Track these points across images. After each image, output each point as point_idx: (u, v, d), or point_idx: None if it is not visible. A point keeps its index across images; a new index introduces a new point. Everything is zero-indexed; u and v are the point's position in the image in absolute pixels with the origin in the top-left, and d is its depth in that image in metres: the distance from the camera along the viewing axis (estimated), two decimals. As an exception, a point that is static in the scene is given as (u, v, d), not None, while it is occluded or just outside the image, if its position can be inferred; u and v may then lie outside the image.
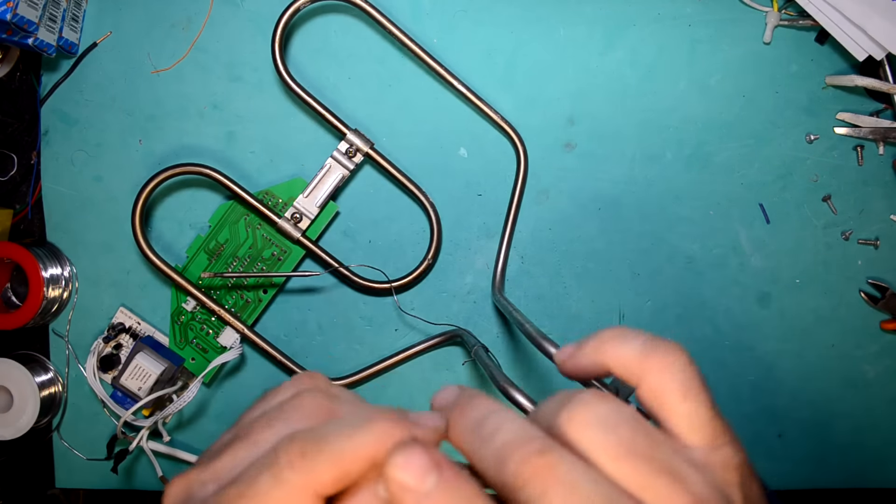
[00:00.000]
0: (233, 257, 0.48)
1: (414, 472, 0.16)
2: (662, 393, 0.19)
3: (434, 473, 0.16)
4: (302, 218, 0.47)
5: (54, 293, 0.48)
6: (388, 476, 0.16)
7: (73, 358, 0.49)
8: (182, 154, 0.48)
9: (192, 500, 0.19)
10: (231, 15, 0.48)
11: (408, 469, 0.16)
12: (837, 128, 0.48)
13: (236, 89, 0.48)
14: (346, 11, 0.48)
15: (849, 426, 0.49)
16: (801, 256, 0.49)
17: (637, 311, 0.49)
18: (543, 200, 0.48)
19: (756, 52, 0.48)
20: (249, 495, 0.17)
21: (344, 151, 0.47)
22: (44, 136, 0.49)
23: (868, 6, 0.44)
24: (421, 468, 0.16)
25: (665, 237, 0.49)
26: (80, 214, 0.49)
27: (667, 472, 0.17)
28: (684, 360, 0.19)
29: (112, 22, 0.48)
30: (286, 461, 0.17)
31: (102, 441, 0.48)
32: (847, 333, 0.49)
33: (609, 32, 0.48)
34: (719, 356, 0.49)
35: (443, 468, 0.16)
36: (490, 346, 0.48)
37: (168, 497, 0.20)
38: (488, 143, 0.48)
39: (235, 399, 0.49)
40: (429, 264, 0.48)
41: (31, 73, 0.48)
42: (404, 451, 0.16)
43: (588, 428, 0.17)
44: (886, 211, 0.49)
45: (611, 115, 0.48)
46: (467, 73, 0.47)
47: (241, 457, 0.19)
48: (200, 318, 0.48)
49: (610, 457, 0.17)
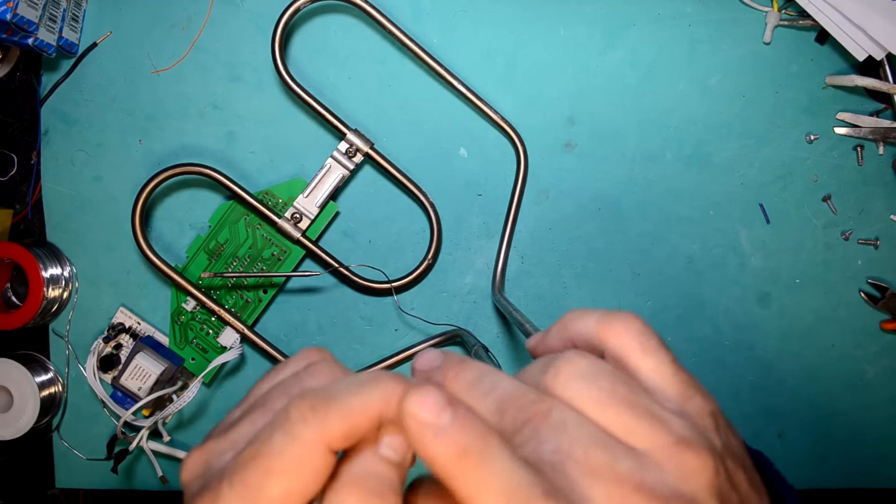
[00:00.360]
0: (233, 257, 0.48)
1: (430, 408, 0.16)
2: (624, 354, 0.20)
3: (449, 409, 0.16)
4: (302, 218, 0.47)
5: (54, 293, 0.48)
6: (406, 413, 0.16)
7: (73, 358, 0.49)
8: (182, 154, 0.48)
9: (211, 469, 0.20)
10: (231, 15, 0.48)
11: (425, 405, 0.16)
12: (837, 128, 0.48)
13: (236, 89, 0.48)
14: (346, 11, 0.48)
15: (849, 426, 0.49)
16: (801, 256, 0.49)
17: (637, 311, 0.48)
18: (543, 200, 0.48)
19: (756, 52, 0.48)
20: (264, 454, 0.17)
21: (344, 151, 0.47)
22: (44, 136, 0.49)
23: (868, 6, 0.44)
24: (437, 405, 0.16)
25: (665, 237, 0.49)
26: (80, 214, 0.49)
27: (648, 416, 0.18)
28: (639, 323, 0.21)
29: (112, 22, 0.48)
30: (298, 416, 0.17)
31: (102, 441, 0.48)
32: (847, 333, 0.49)
33: (609, 32, 0.48)
34: (719, 356, 0.49)
35: (456, 405, 0.17)
36: (490, 346, 0.48)
37: (186, 469, 0.20)
38: (488, 143, 0.48)
39: (236, 399, 0.49)
40: (429, 264, 0.48)
41: (31, 73, 0.48)
42: (420, 390, 0.17)
43: (572, 381, 0.19)
44: (886, 211, 0.49)
45: (611, 115, 0.48)
46: (467, 73, 0.47)
47: (259, 423, 0.20)
48: (200, 318, 0.48)
49: (594, 405, 0.18)
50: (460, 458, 0.16)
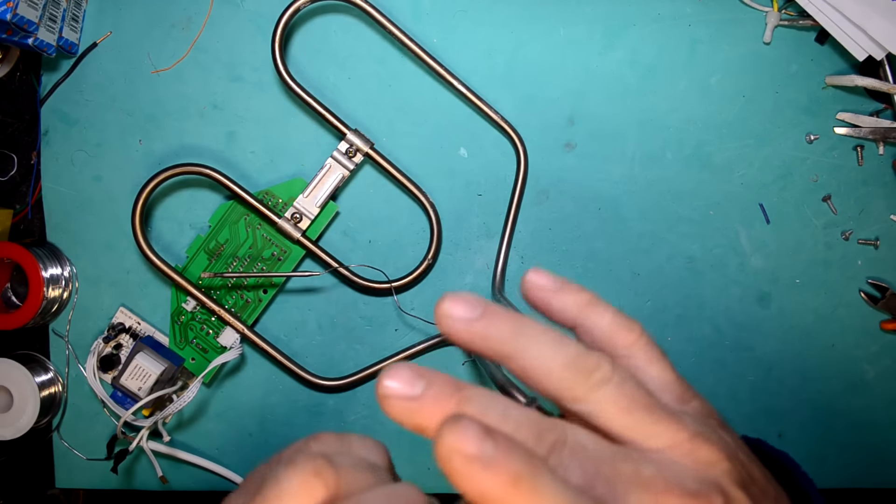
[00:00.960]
0: (233, 257, 0.48)
1: (472, 440, 0.16)
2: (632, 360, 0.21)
3: (490, 439, 0.16)
4: (302, 218, 0.47)
5: (54, 293, 0.48)
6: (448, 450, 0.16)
7: (73, 358, 0.49)
8: (182, 154, 0.48)
9: None
10: (231, 15, 0.48)
11: (466, 439, 0.16)
12: (837, 128, 0.48)
13: (236, 89, 0.48)
14: (346, 11, 0.48)
15: (849, 426, 0.49)
16: (801, 256, 0.49)
17: (637, 311, 0.49)
18: (543, 200, 0.48)
19: (756, 52, 0.48)
20: None
21: (344, 151, 0.47)
22: (44, 136, 0.49)
23: (868, 6, 0.44)
24: (476, 436, 0.16)
25: (665, 237, 0.49)
26: (80, 214, 0.49)
27: (667, 416, 0.19)
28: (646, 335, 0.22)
29: (112, 22, 0.48)
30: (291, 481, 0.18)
31: (102, 441, 0.48)
32: (847, 333, 0.49)
33: (609, 32, 0.48)
34: (719, 356, 0.49)
35: (495, 434, 0.16)
36: (490, 346, 0.48)
37: None
38: (488, 143, 0.48)
39: (235, 399, 0.49)
40: (429, 264, 0.48)
41: (31, 73, 0.48)
42: (455, 425, 0.16)
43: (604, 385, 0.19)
44: (886, 211, 0.49)
45: (611, 115, 0.48)
46: (467, 73, 0.47)
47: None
48: (200, 318, 0.48)
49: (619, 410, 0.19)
50: (514, 485, 0.16)
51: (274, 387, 0.49)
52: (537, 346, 0.19)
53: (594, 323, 0.22)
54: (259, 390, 0.49)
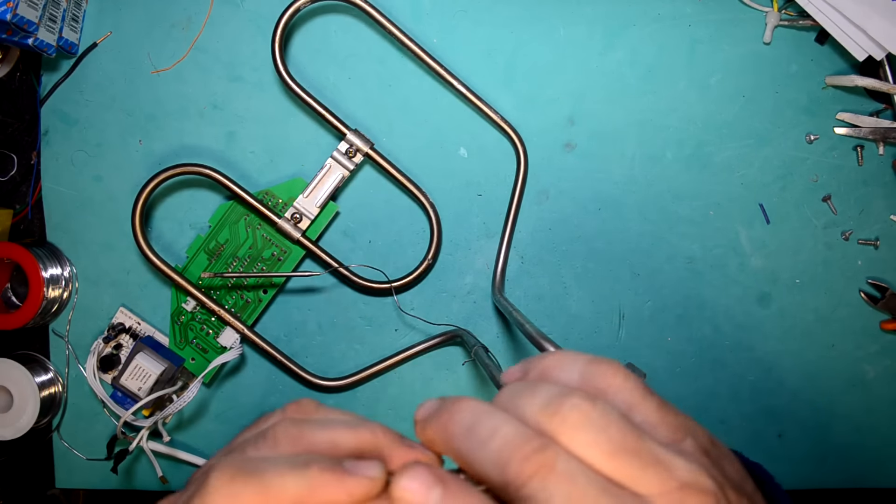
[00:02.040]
0: (233, 257, 0.48)
1: (418, 487, 0.17)
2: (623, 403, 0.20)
3: (439, 486, 0.17)
4: (302, 218, 0.47)
5: (54, 293, 0.48)
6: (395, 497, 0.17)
7: (73, 358, 0.49)
8: (182, 154, 0.48)
9: None
10: (231, 15, 0.48)
11: (412, 487, 0.17)
12: (837, 128, 0.48)
13: (236, 89, 0.48)
14: (346, 11, 0.48)
15: (849, 426, 0.50)
16: (801, 256, 0.49)
17: (637, 311, 0.49)
18: (543, 200, 0.48)
19: (756, 52, 0.48)
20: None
21: (344, 151, 0.47)
22: (44, 136, 0.49)
23: (868, 6, 0.44)
24: (424, 483, 0.17)
25: (665, 237, 0.49)
26: (80, 214, 0.49)
27: (654, 464, 0.18)
28: (622, 374, 0.20)
29: (112, 22, 0.48)
30: (214, 486, 0.18)
31: (102, 441, 0.48)
32: (847, 333, 0.49)
33: (609, 32, 0.48)
34: (719, 356, 0.49)
35: (447, 481, 0.17)
36: (490, 346, 0.48)
37: None
38: (488, 143, 0.48)
39: (235, 399, 0.49)
40: (429, 264, 0.48)
41: (31, 73, 0.48)
42: (408, 472, 0.17)
43: (581, 430, 0.18)
44: (886, 211, 0.49)
45: (611, 115, 0.48)
46: (467, 73, 0.47)
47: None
48: (200, 318, 0.48)
49: (603, 455, 0.18)
50: None
51: (274, 387, 0.49)
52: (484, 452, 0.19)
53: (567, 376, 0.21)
54: (259, 390, 0.49)
